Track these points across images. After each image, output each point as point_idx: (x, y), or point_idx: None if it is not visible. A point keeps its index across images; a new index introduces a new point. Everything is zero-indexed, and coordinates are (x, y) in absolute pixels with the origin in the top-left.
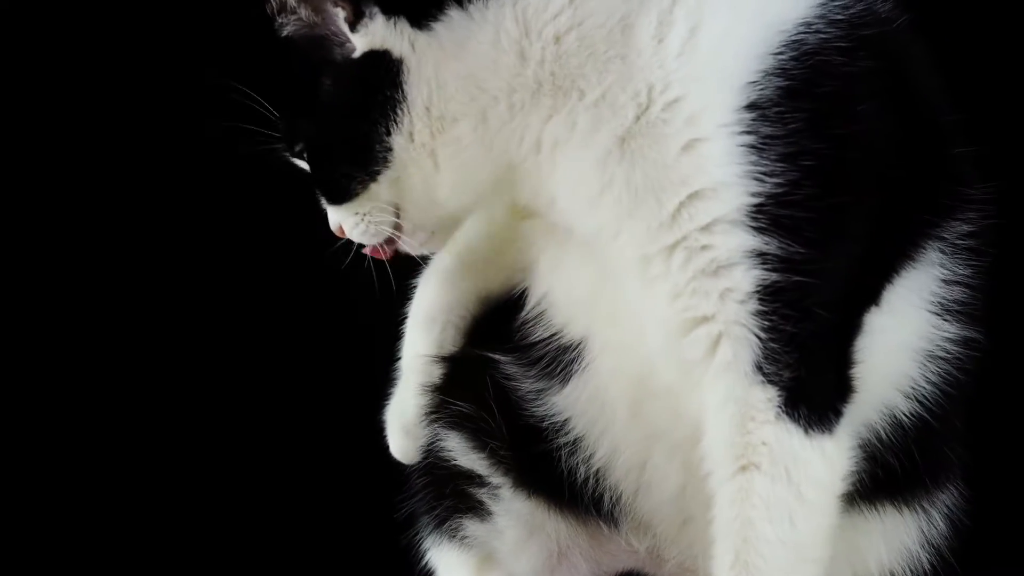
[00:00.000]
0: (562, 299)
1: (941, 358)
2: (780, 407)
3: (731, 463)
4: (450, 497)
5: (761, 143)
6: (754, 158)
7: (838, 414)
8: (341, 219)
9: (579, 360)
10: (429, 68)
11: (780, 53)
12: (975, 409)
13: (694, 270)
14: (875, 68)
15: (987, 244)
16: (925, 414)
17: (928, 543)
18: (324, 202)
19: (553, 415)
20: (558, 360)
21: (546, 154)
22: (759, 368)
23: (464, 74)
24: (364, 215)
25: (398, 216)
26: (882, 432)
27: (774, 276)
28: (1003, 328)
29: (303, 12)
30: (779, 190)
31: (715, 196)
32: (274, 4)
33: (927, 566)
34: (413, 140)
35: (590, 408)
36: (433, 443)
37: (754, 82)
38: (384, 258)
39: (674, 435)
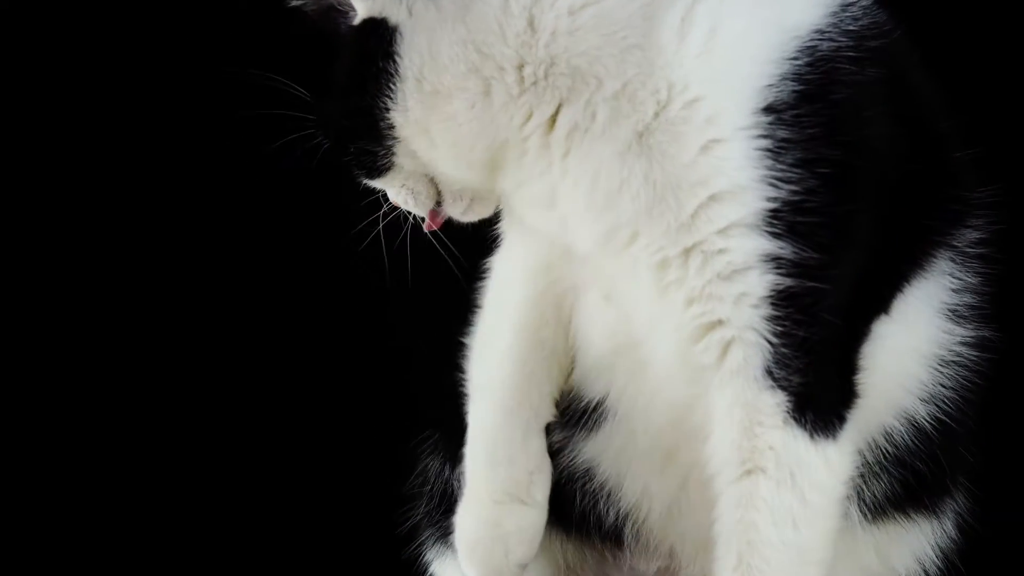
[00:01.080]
0: (587, 352)
1: (955, 362)
2: (788, 412)
3: (737, 466)
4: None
5: (778, 147)
6: (770, 162)
7: (842, 420)
8: (387, 191)
9: (607, 411)
10: (423, 37)
11: (796, 58)
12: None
13: (711, 274)
14: (881, 78)
15: (996, 251)
16: (945, 418)
17: (938, 546)
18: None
19: (580, 462)
20: (584, 410)
21: (559, 138)
22: (769, 373)
23: (465, 39)
24: (403, 186)
25: (437, 185)
26: (906, 437)
27: (788, 281)
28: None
29: None
30: (795, 196)
31: (733, 199)
32: None
33: (938, 570)
34: (408, 116)
35: (620, 457)
36: (439, 470)
37: (771, 85)
38: (436, 227)
39: (706, 471)
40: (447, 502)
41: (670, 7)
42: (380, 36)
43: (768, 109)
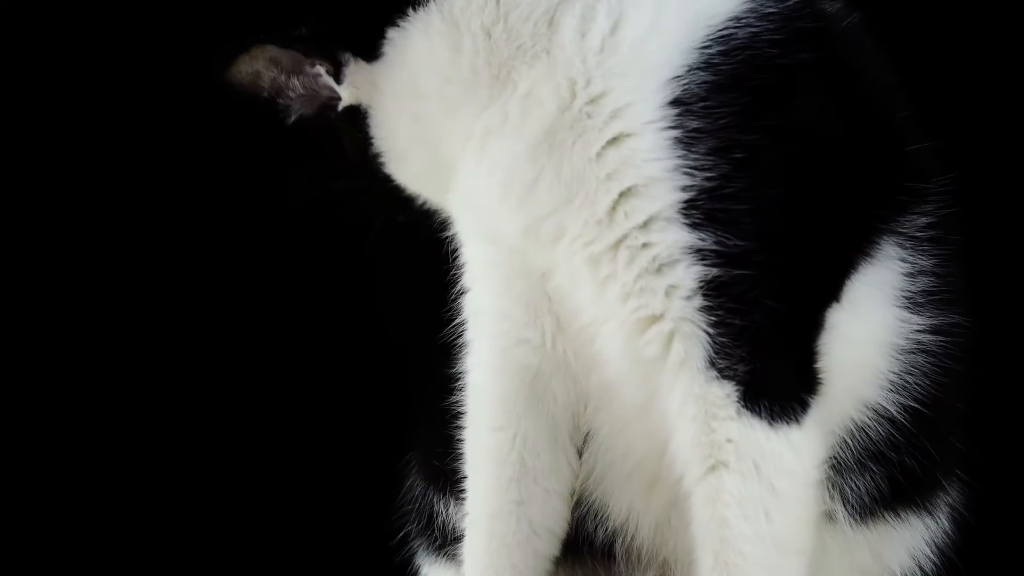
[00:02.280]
0: None
1: (918, 350)
2: (740, 402)
3: (699, 463)
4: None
5: (688, 137)
6: (682, 152)
7: (804, 404)
8: None
9: (590, 434)
10: (381, 108)
11: (707, 47)
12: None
13: (639, 268)
14: (815, 61)
15: (950, 232)
16: (918, 406)
17: (933, 542)
18: None
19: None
20: None
21: (476, 143)
22: (712, 363)
23: (408, 87)
24: None
25: None
26: (880, 430)
27: (714, 271)
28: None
29: (296, 83)
30: (711, 184)
31: (647, 192)
32: (269, 90)
33: (934, 565)
34: (401, 178)
35: (606, 477)
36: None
37: (679, 77)
38: None
39: (673, 473)
40: (431, 518)
41: (570, 8)
42: (360, 121)
43: (677, 101)
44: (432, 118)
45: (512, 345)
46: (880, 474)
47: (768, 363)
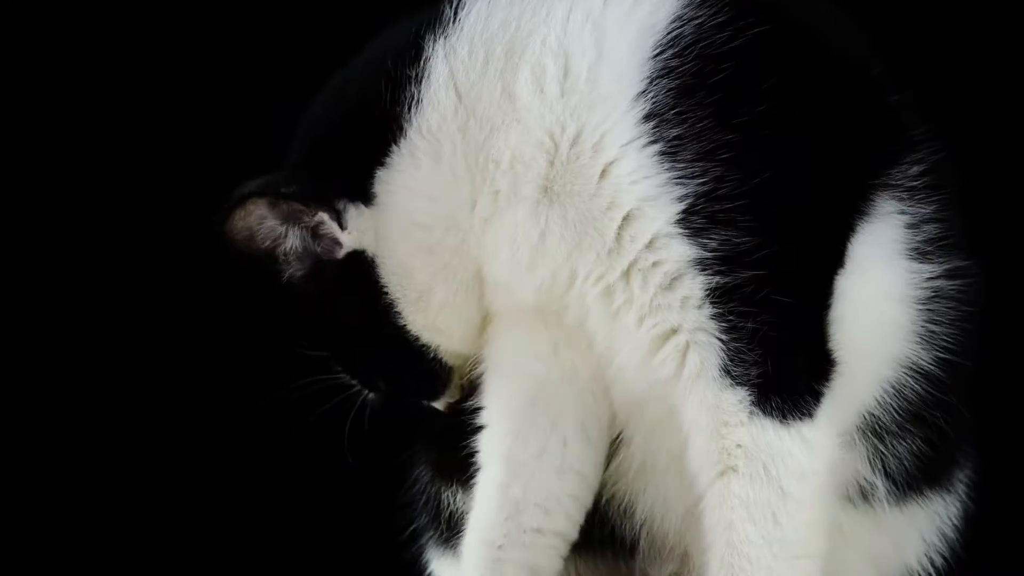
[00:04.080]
0: None
1: (939, 297)
2: (752, 404)
3: (710, 469)
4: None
5: (671, 148)
6: (669, 164)
7: (817, 395)
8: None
9: (621, 441)
10: (390, 253)
11: (660, 53)
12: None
13: (653, 288)
14: (768, 32)
15: (945, 177)
16: (949, 356)
17: (950, 521)
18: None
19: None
20: None
21: (478, 231)
22: (726, 371)
23: (410, 222)
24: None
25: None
26: (917, 387)
27: (717, 279)
28: None
29: (293, 234)
30: (704, 188)
31: (645, 212)
32: (263, 243)
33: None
34: (418, 324)
35: (638, 478)
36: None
37: (643, 92)
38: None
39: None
40: (439, 509)
41: (519, 68)
42: (365, 269)
43: (649, 115)
44: (441, 242)
45: (531, 360)
46: (919, 436)
47: (780, 361)
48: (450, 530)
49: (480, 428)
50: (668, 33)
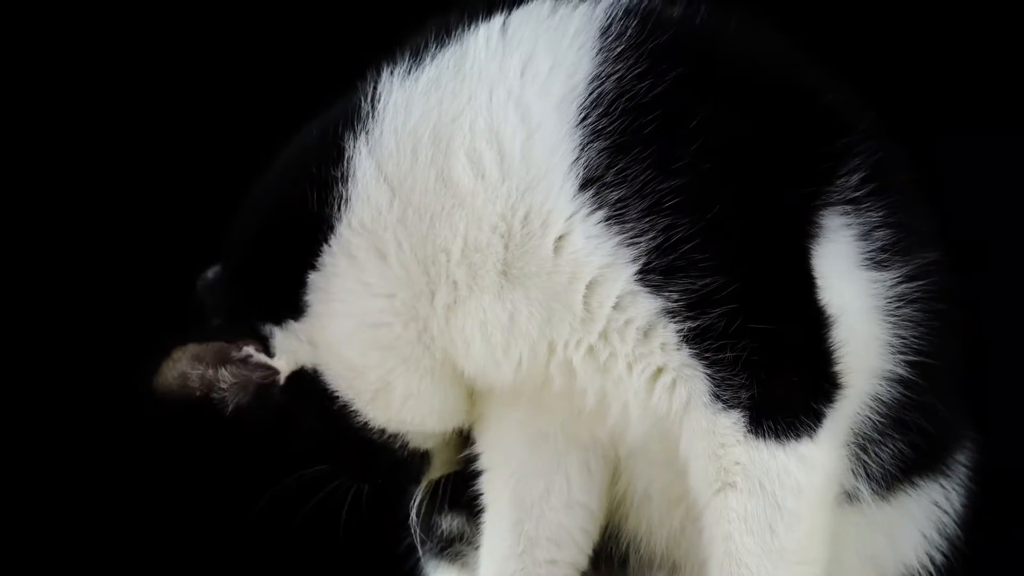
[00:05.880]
0: None
1: (904, 301)
2: (747, 426)
3: (709, 488)
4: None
5: (616, 211)
6: (616, 227)
7: (817, 415)
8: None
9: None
10: (335, 359)
11: (585, 117)
12: None
13: (631, 342)
14: (688, 72)
15: (889, 176)
16: (923, 358)
17: (951, 508)
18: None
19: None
20: None
21: (441, 319)
22: (716, 397)
23: (356, 322)
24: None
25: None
26: (892, 394)
27: (688, 324)
28: None
29: (225, 373)
30: (656, 241)
31: (605, 278)
32: (200, 388)
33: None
34: (380, 419)
35: (630, 507)
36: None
37: (577, 159)
38: None
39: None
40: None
41: (453, 154)
42: (310, 384)
43: (588, 182)
44: (401, 336)
45: (526, 418)
46: (900, 440)
47: (769, 383)
48: (446, 542)
49: (479, 472)
50: (590, 94)
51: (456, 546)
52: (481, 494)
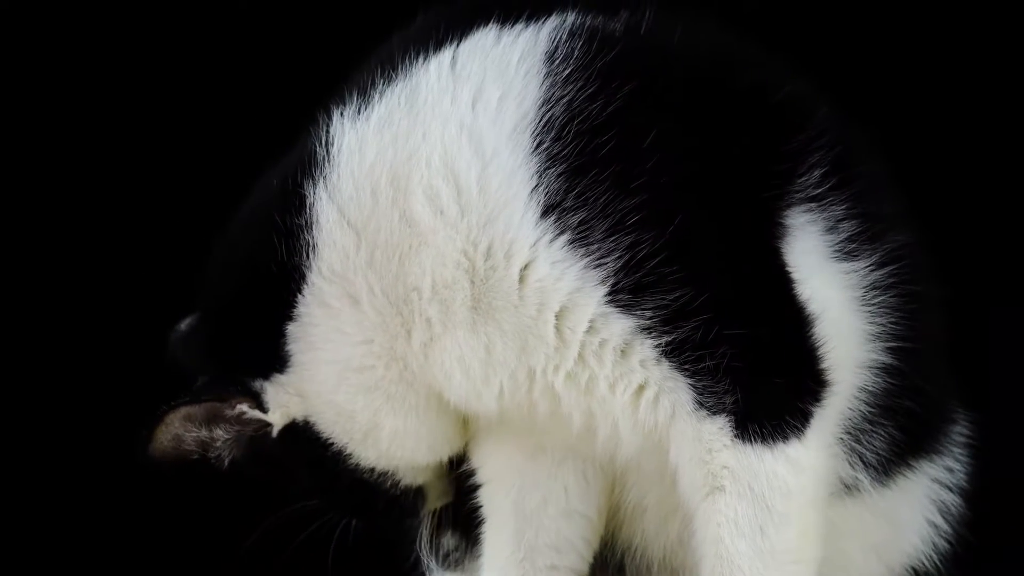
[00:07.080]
0: None
1: (878, 288)
2: (733, 430)
3: (698, 492)
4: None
5: (579, 234)
6: (581, 250)
7: (804, 415)
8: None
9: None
10: (324, 407)
11: (540, 143)
12: None
13: (609, 362)
14: (638, 87)
15: (850, 168)
16: (903, 343)
17: (950, 482)
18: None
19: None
20: None
21: (419, 356)
22: (701, 404)
23: (341, 369)
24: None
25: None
26: (878, 383)
27: (664, 338)
28: None
29: (219, 432)
30: (623, 260)
31: (575, 303)
32: (196, 449)
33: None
34: (371, 458)
35: (627, 520)
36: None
37: (535, 187)
38: None
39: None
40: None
41: (411, 193)
42: (304, 435)
43: (549, 208)
44: (384, 377)
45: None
46: (892, 425)
47: (752, 387)
48: (448, 555)
49: (477, 486)
50: (541, 120)
51: (455, 555)
52: (480, 506)
